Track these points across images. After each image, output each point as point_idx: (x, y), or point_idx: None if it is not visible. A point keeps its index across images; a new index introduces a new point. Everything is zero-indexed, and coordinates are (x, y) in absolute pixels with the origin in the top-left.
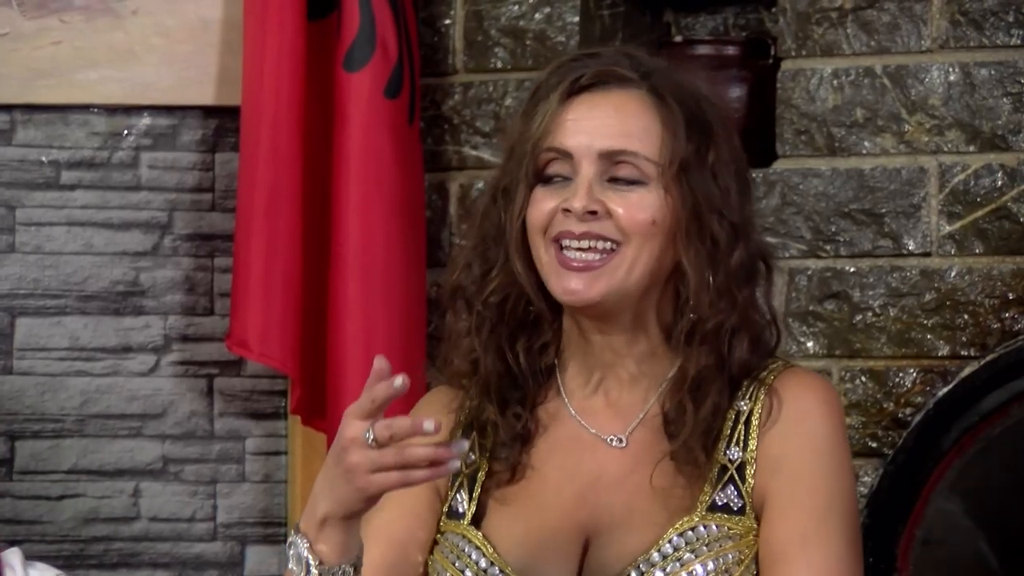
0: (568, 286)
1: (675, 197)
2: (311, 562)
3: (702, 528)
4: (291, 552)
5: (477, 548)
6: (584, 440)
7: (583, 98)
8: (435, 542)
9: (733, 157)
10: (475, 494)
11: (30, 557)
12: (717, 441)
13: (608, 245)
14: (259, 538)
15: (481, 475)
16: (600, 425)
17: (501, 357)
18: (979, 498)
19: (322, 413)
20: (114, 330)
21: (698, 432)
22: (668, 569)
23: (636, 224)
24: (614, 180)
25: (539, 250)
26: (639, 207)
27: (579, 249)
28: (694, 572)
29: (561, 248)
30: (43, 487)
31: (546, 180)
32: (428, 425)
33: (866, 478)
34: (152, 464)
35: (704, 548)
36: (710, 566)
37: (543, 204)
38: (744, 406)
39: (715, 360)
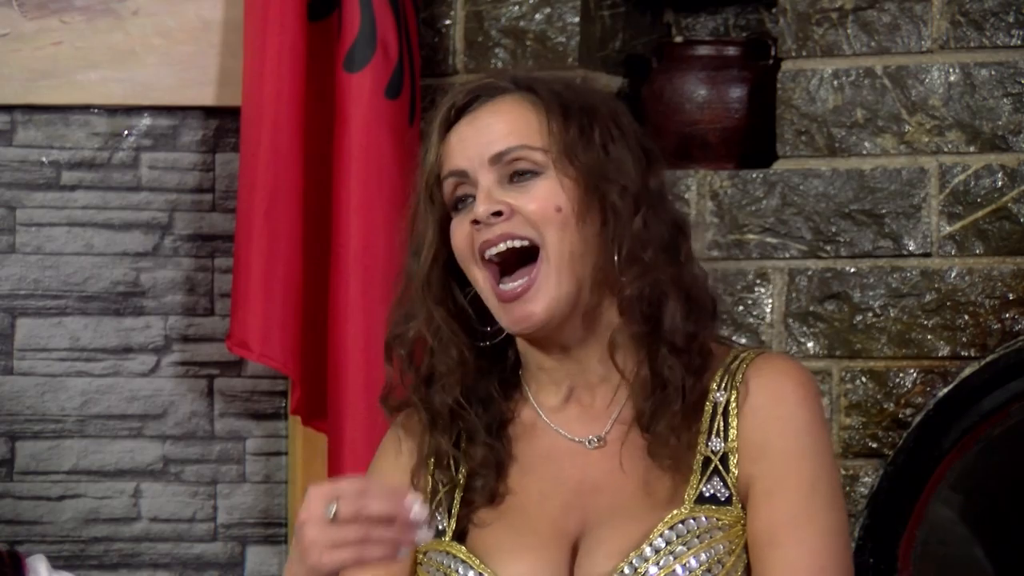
0: (514, 316)
1: (571, 178)
2: None
3: (692, 521)
4: None
5: (464, 562)
6: (562, 447)
7: (461, 121)
8: (417, 563)
9: (624, 131)
10: (454, 511)
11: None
12: (690, 420)
13: (522, 244)
14: (259, 538)
15: (459, 493)
16: (577, 430)
17: (457, 404)
18: (980, 499)
19: (322, 414)
20: (114, 330)
21: (658, 397)
22: (661, 563)
23: (541, 214)
24: (512, 179)
25: (477, 278)
26: (541, 197)
27: (508, 276)
28: (688, 564)
29: (498, 281)
30: (44, 487)
31: (456, 208)
32: (416, 511)
33: (866, 479)
34: (152, 464)
35: (696, 540)
36: (703, 557)
37: (460, 228)
38: (720, 397)
39: (647, 327)
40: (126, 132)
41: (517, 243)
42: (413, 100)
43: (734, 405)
